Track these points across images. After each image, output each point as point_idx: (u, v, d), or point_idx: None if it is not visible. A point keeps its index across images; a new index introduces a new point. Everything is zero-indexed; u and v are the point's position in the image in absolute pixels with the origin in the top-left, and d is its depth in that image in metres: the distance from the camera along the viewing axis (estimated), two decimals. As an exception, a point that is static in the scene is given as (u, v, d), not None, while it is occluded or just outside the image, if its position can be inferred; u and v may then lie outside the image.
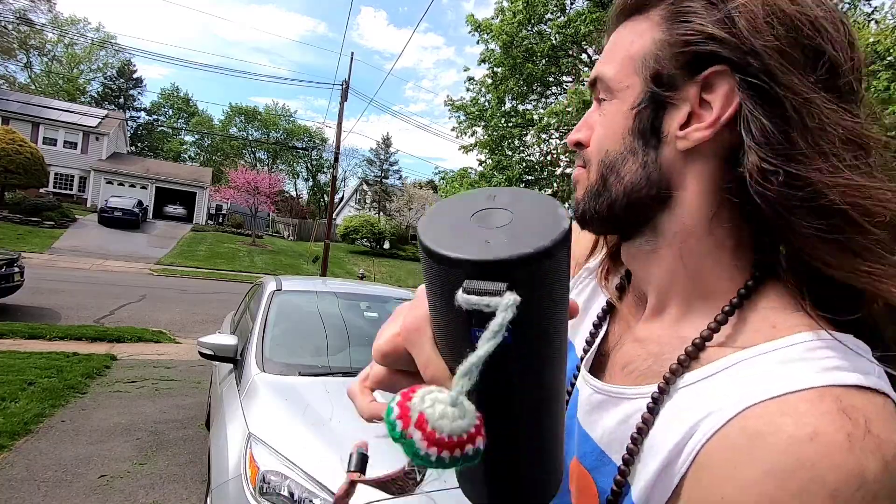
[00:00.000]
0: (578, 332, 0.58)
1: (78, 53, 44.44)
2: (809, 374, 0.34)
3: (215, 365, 3.47)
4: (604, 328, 0.55)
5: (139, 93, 48.19)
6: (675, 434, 0.38)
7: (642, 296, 0.51)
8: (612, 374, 0.50)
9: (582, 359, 0.54)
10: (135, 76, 47.25)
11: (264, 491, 1.88)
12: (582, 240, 0.62)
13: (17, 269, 7.49)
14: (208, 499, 2.21)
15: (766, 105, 0.38)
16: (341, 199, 46.24)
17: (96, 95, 45.25)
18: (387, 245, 29.69)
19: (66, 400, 4.34)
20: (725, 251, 0.43)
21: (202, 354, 2.83)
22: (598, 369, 0.52)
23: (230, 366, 2.96)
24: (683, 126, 0.42)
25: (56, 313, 8.02)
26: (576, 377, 0.53)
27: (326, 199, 50.63)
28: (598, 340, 0.54)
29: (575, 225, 0.53)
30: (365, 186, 42.50)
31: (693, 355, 0.41)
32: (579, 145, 0.50)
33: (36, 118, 26.12)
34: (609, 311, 0.56)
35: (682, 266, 0.45)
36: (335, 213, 36.96)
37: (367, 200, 41.21)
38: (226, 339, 2.91)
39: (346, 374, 2.76)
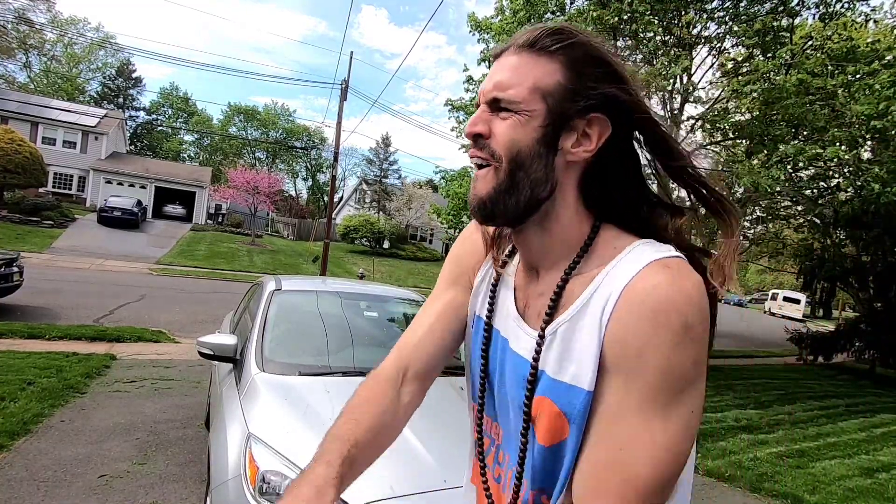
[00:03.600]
0: (481, 305, 0.78)
1: (77, 53, 44.38)
2: (646, 257, 0.59)
3: (215, 365, 3.46)
4: (500, 294, 0.76)
5: (138, 92, 48.17)
6: (591, 330, 0.59)
7: (532, 266, 0.71)
8: (533, 322, 0.68)
9: (488, 316, 0.75)
10: (134, 76, 47.22)
11: (264, 491, 1.88)
12: (473, 247, 0.83)
13: (16, 269, 7.48)
14: (208, 499, 2.20)
15: (624, 137, 0.65)
16: (341, 198, 46.22)
17: (95, 95, 45.21)
18: (386, 244, 29.67)
19: (65, 400, 4.34)
20: (580, 219, 0.67)
21: (202, 354, 2.82)
22: (529, 323, 0.70)
23: (230, 365, 2.96)
24: (574, 146, 0.63)
25: (55, 313, 8.01)
26: (487, 331, 0.74)
27: (326, 198, 50.60)
28: (498, 303, 0.76)
29: (469, 238, 0.85)
30: (364, 186, 42.47)
31: (561, 289, 0.65)
32: (479, 137, 0.65)
33: (35, 118, 26.09)
34: (496, 284, 0.77)
35: (560, 235, 0.67)
36: (335, 212, 36.92)
37: (367, 200, 41.17)
38: (225, 338, 2.91)
39: (345, 373, 2.76)
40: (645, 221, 0.68)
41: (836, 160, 7.04)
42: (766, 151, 7.91)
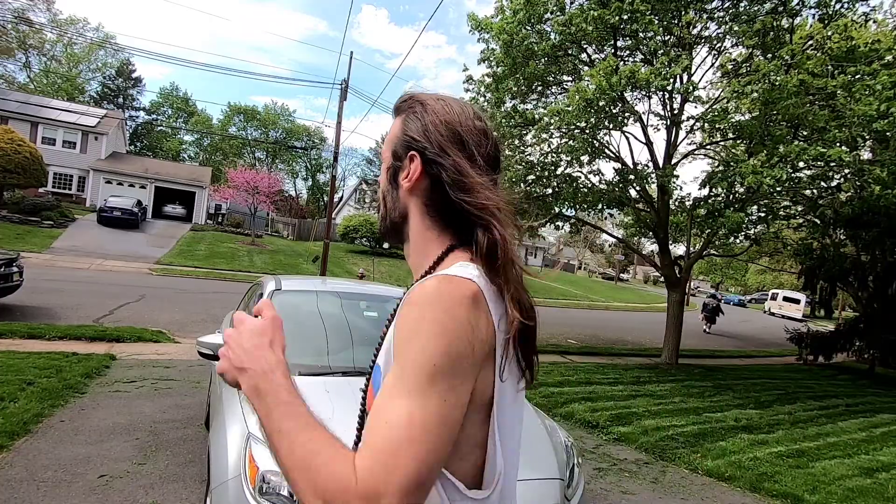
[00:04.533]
0: None
1: (77, 53, 44.37)
2: (440, 273, 0.69)
3: (215, 365, 3.46)
4: None
5: (138, 92, 48.19)
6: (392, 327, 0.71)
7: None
8: None
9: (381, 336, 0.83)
10: (134, 76, 47.21)
11: (264, 491, 1.88)
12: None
13: (16, 269, 7.48)
14: (208, 499, 2.20)
15: (434, 168, 0.77)
16: (341, 198, 46.21)
17: (95, 95, 45.21)
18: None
19: (65, 400, 4.34)
20: (434, 240, 0.79)
21: (201, 354, 2.82)
22: None
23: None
24: (403, 178, 0.80)
25: (55, 313, 8.01)
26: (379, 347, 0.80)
27: (326, 198, 50.59)
28: None
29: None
30: (364, 186, 42.46)
31: (406, 293, 0.73)
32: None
33: (35, 118, 26.08)
34: None
35: (417, 252, 0.81)
36: (335, 212, 36.91)
37: (367, 200, 41.17)
38: (225, 338, 2.90)
39: (345, 373, 2.76)
40: (489, 251, 0.76)
41: (837, 161, 7.03)
42: (766, 152, 7.91)
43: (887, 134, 6.78)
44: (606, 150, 10.02)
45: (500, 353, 0.67)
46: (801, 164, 8.02)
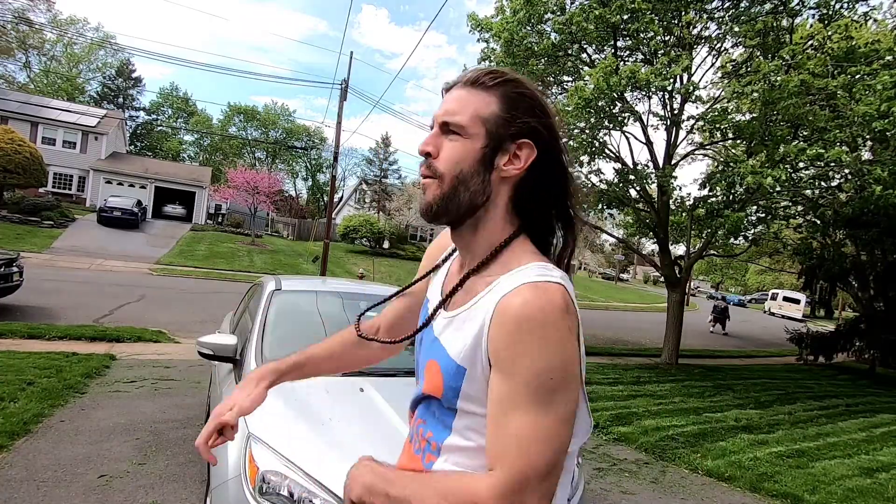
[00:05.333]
0: (434, 295, 0.92)
1: (77, 53, 44.36)
2: (525, 277, 0.70)
3: (215, 365, 3.46)
4: (439, 277, 0.95)
5: (138, 92, 48.13)
6: (476, 323, 0.73)
7: (463, 260, 0.86)
8: (452, 307, 0.82)
9: (439, 304, 0.85)
10: (134, 76, 47.19)
11: (264, 491, 1.88)
12: (442, 243, 1.02)
13: (16, 269, 7.48)
14: (208, 499, 2.20)
15: (548, 161, 0.78)
16: (341, 198, 46.20)
17: (95, 95, 45.18)
18: (386, 244, 29.65)
19: (65, 400, 4.34)
20: (507, 229, 0.80)
21: (201, 354, 2.81)
22: (449, 308, 0.83)
23: (230, 365, 2.96)
24: (506, 164, 0.77)
25: (55, 313, 8.01)
26: (431, 317, 0.85)
27: (326, 198, 50.59)
28: (434, 284, 0.95)
29: (441, 237, 1.03)
30: (364, 186, 42.45)
31: (461, 283, 0.81)
32: (428, 155, 0.79)
33: (35, 118, 26.08)
34: (445, 277, 0.93)
35: (487, 238, 0.80)
36: (335, 212, 36.92)
37: (367, 200, 41.16)
38: (225, 338, 2.90)
39: (345, 373, 2.75)
40: (548, 240, 0.83)
41: (836, 161, 7.03)
42: (766, 152, 7.91)
43: (887, 134, 6.77)
44: (606, 150, 10.02)
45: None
46: (801, 165, 8.02)
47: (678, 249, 12.69)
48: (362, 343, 1.06)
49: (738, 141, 9.39)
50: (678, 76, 8.19)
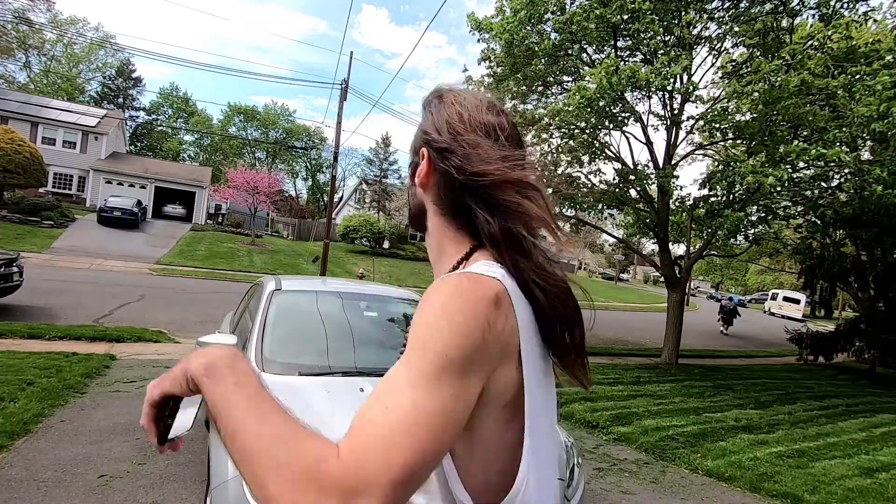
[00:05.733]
0: None
1: (77, 53, 44.36)
2: (465, 271, 0.68)
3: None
4: None
5: (138, 92, 48.12)
6: None
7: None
8: None
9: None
10: (134, 76, 47.19)
11: None
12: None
13: (16, 269, 7.48)
14: (208, 499, 2.20)
15: (443, 162, 0.75)
16: (341, 198, 46.19)
17: (95, 95, 45.18)
18: (386, 244, 29.66)
19: (65, 400, 4.34)
20: (451, 238, 0.78)
21: (202, 354, 2.81)
22: None
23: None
24: (418, 174, 0.80)
25: (55, 313, 8.01)
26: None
27: (326, 198, 50.59)
28: None
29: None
30: (364, 186, 42.45)
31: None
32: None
33: (35, 118, 26.08)
34: None
35: (435, 249, 0.82)
36: (335, 212, 36.92)
37: (367, 200, 41.15)
38: (225, 338, 2.90)
39: (346, 373, 2.75)
40: (514, 249, 0.75)
41: (836, 161, 7.03)
42: (766, 152, 7.91)
43: (887, 134, 6.77)
44: (607, 151, 10.02)
45: (525, 352, 0.65)
46: (801, 165, 8.02)
47: (678, 249, 12.71)
48: None
49: (738, 141, 9.39)
50: (678, 76, 8.19)
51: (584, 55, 9.81)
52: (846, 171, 8.15)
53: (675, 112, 9.37)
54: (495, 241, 0.70)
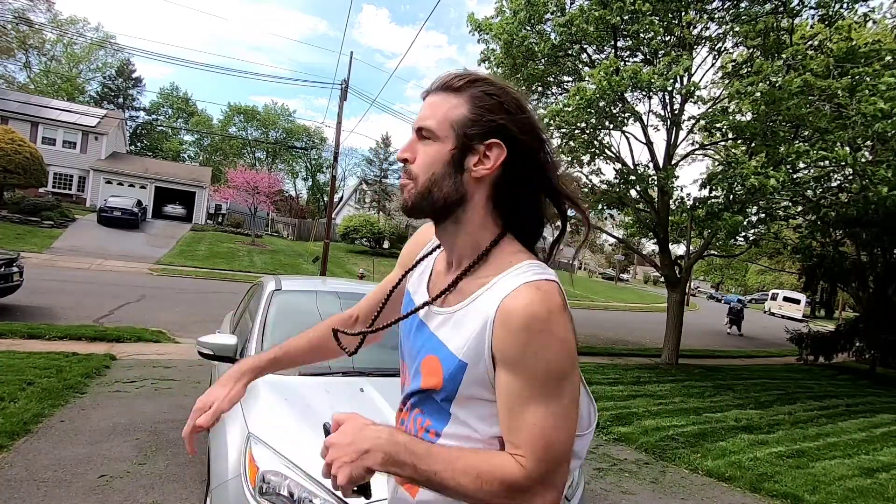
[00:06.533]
0: (419, 289, 0.95)
1: (77, 53, 44.36)
2: (524, 278, 0.74)
3: (215, 365, 3.46)
4: (422, 273, 0.98)
5: (138, 92, 48.15)
6: (477, 321, 0.77)
7: (448, 258, 0.89)
8: (446, 304, 0.85)
9: (431, 300, 0.87)
10: (134, 76, 47.20)
11: (264, 491, 1.88)
12: (420, 239, 1.06)
13: (16, 269, 7.48)
14: (208, 499, 2.20)
15: (519, 158, 0.79)
16: (341, 198, 46.18)
17: (95, 95, 45.20)
18: (386, 245, 29.66)
19: (65, 400, 4.34)
20: (490, 229, 0.82)
21: (202, 354, 2.82)
22: (443, 304, 0.86)
23: (230, 365, 2.95)
24: (476, 165, 0.79)
25: (55, 313, 8.01)
26: (417, 309, 0.88)
27: (326, 198, 50.57)
28: (418, 279, 0.97)
29: (419, 233, 1.08)
30: (364, 186, 42.45)
31: (454, 283, 0.83)
32: (406, 161, 0.83)
33: (35, 118, 26.08)
34: (430, 274, 0.96)
35: (469, 236, 0.83)
36: (335, 212, 36.92)
37: (367, 200, 41.16)
38: (225, 338, 2.90)
39: (346, 373, 2.76)
40: (536, 233, 0.86)
41: (836, 160, 7.02)
42: (766, 152, 7.90)
43: (888, 134, 6.75)
44: (607, 151, 10.01)
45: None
46: (802, 165, 8.01)
47: (678, 249, 12.69)
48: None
49: (739, 141, 9.39)
50: (679, 76, 8.19)
51: (584, 55, 9.81)
52: (848, 171, 8.14)
53: (676, 112, 9.36)
54: (558, 238, 0.86)
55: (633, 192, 10.13)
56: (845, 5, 7.96)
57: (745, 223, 8.66)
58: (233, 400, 1.01)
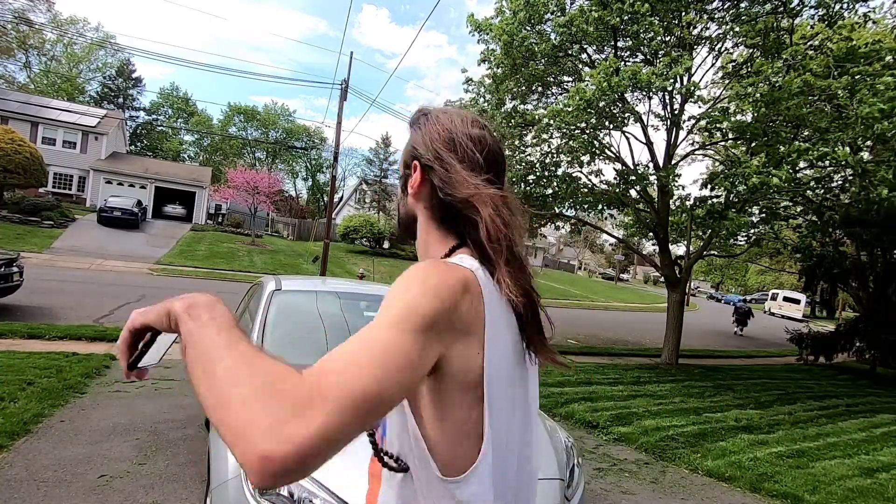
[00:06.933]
0: None
1: (77, 53, 44.37)
2: (440, 259, 0.79)
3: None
4: None
5: (138, 92, 48.14)
6: None
7: None
8: None
9: None
10: (134, 76, 47.20)
11: (264, 491, 1.88)
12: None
13: (16, 269, 7.48)
14: (208, 499, 2.20)
15: (430, 174, 0.84)
16: (341, 198, 46.19)
17: (95, 95, 45.19)
18: (386, 245, 29.66)
19: (65, 400, 4.34)
20: (438, 241, 0.86)
21: (202, 354, 2.81)
22: None
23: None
24: (410, 185, 0.87)
25: (55, 313, 8.01)
26: None
27: (326, 198, 50.57)
28: None
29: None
30: (364, 186, 42.47)
31: None
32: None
33: (35, 118, 26.08)
34: None
35: (423, 246, 0.89)
36: (335, 212, 36.91)
37: (367, 200, 41.19)
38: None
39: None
40: (487, 248, 0.84)
41: (838, 161, 7.02)
42: (766, 152, 7.90)
43: (887, 135, 6.75)
44: (607, 151, 10.01)
45: (489, 340, 0.70)
46: (803, 165, 8.01)
47: (678, 249, 12.69)
48: None
49: (739, 141, 9.39)
50: (679, 76, 8.19)
51: (584, 55, 9.81)
52: (849, 172, 8.13)
53: (676, 112, 9.36)
54: (477, 244, 0.78)
55: (633, 192, 10.13)
56: (845, 5, 7.96)
57: (746, 223, 8.66)
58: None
